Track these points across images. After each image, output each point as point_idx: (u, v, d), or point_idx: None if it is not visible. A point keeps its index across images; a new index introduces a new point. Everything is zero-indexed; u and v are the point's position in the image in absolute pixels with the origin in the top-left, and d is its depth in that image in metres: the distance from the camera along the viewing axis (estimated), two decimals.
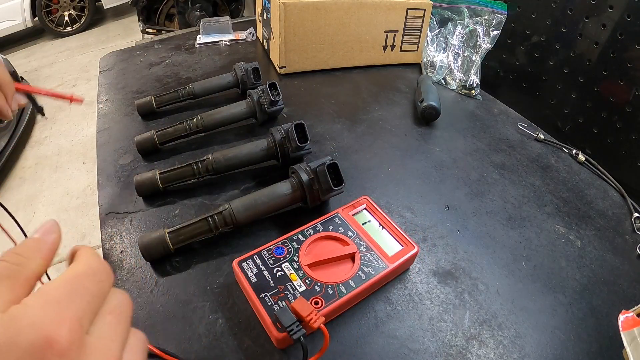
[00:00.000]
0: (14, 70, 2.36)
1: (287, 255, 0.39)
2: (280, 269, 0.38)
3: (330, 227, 0.42)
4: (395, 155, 0.58)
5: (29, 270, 0.21)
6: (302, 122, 0.49)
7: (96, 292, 0.22)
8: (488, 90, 0.78)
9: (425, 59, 0.81)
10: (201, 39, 0.87)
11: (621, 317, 0.36)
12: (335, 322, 0.37)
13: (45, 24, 3.31)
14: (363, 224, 0.43)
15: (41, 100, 0.46)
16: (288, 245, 0.40)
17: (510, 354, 0.36)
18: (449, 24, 0.79)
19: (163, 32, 2.59)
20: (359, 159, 0.57)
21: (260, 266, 0.38)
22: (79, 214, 1.76)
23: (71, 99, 0.42)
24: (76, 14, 3.45)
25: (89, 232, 1.68)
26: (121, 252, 0.43)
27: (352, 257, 0.39)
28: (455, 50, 0.78)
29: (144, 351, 0.24)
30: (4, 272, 0.20)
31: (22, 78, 2.51)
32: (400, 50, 0.81)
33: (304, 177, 0.44)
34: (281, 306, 0.34)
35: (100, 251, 0.44)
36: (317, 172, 0.44)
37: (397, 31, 0.78)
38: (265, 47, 0.83)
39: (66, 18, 3.41)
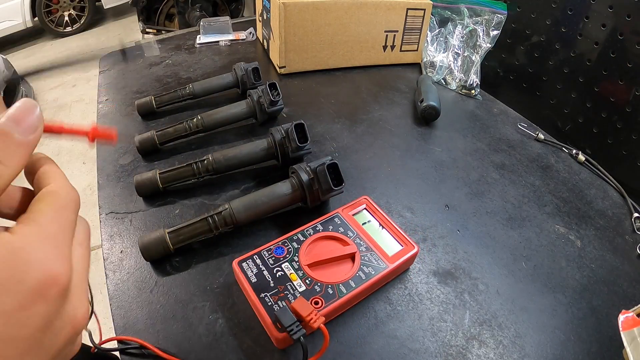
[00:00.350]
0: (14, 70, 2.36)
1: (287, 255, 0.39)
2: (280, 269, 0.38)
3: (330, 227, 0.42)
4: (395, 155, 0.58)
5: (3, 180, 0.19)
6: (302, 122, 0.49)
7: (74, 223, 0.21)
8: (488, 90, 0.78)
9: (425, 59, 0.81)
10: (201, 39, 0.87)
11: (621, 317, 0.36)
12: (335, 322, 0.37)
13: (45, 24, 3.30)
14: (363, 224, 0.43)
15: (41, 101, 0.46)
16: (288, 245, 0.40)
17: (510, 354, 0.36)
18: (449, 24, 0.79)
19: (163, 32, 2.59)
20: (358, 159, 0.57)
21: (260, 266, 0.38)
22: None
23: (107, 136, 0.27)
24: (76, 14, 3.45)
25: None
26: (121, 252, 0.43)
27: (352, 257, 0.39)
28: (455, 50, 0.78)
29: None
30: None
31: (22, 78, 2.51)
32: (400, 50, 0.81)
33: (304, 177, 0.44)
34: (281, 306, 0.34)
35: (100, 251, 0.44)
36: (317, 172, 0.44)
37: (397, 31, 0.78)
38: (265, 47, 0.83)
39: (66, 18, 3.40)
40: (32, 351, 0.18)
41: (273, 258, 0.38)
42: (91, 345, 0.35)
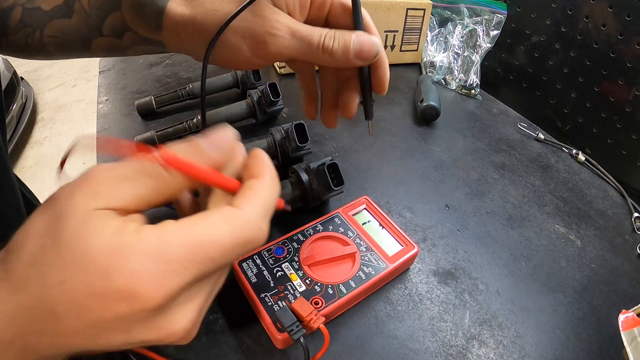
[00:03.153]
0: (14, 70, 2.36)
1: (287, 255, 0.39)
2: (280, 269, 0.38)
3: (331, 227, 0.42)
4: (395, 155, 0.58)
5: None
6: (302, 122, 0.49)
7: (232, 260, 0.23)
8: (488, 90, 0.78)
9: (425, 59, 0.81)
10: None
11: (621, 317, 0.36)
12: (335, 322, 0.37)
13: None
14: (363, 224, 0.43)
15: (41, 101, 0.46)
16: (288, 245, 0.40)
17: (510, 354, 0.36)
18: (449, 23, 0.79)
19: None
20: (358, 159, 0.57)
21: (260, 266, 0.38)
22: None
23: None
24: None
25: None
26: None
27: (352, 257, 0.39)
28: (455, 50, 0.78)
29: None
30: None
31: (22, 78, 2.51)
32: (400, 50, 0.81)
33: (304, 177, 0.44)
34: (281, 306, 0.34)
35: None
36: (317, 172, 0.44)
37: (397, 31, 0.78)
38: None
39: None
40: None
41: (273, 258, 0.38)
42: None
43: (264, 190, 0.23)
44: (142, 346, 0.23)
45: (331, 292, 0.36)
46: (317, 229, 0.42)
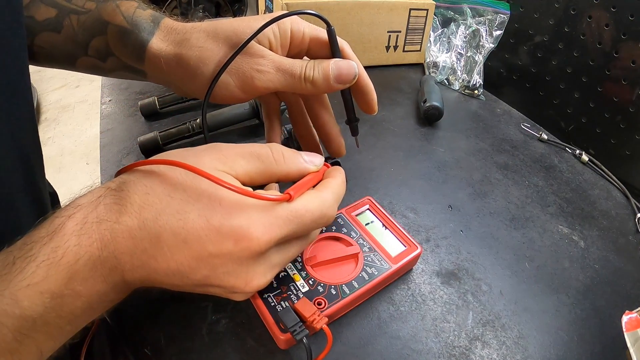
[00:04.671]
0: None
1: None
2: (283, 269, 0.38)
3: (334, 228, 0.42)
4: (398, 156, 0.58)
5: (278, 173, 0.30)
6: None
7: (315, 227, 0.30)
8: (491, 90, 0.78)
9: (428, 60, 0.81)
10: None
11: (625, 318, 0.36)
12: (338, 323, 0.37)
13: None
14: (366, 224, 0.43)
15: (44, 101, 0.46)
16: None
17: (513, 355, 0.36)
18: (452, 24, 0.79)
19: None
20: (361, 160, 0.57)
21: None
22: None
23: None
24: None
25: None
26: None
27: (355, 257, 0.39)
28: (458, 50, 0.78)
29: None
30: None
31: None
32: (403, 51, 0.81)
33: None
34: (284, 307, 0.34)
35: None
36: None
37: (399, 31, 0.78)
38: None
39: None
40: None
41: None
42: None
43: (337, 184, 0.32)
44: (213, 294, 0.28)
45: (334, 292, 0.36)
46: (320, 229, 0.42)
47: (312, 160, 0.32)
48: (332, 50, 0.37)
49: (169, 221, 0.23)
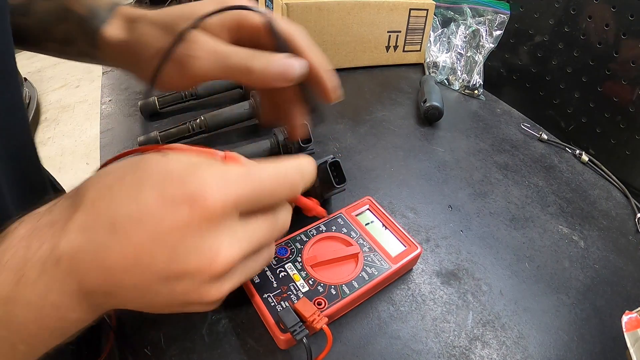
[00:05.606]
0: (18, 71, 2.36)
1: (290, 256, 0.39)
2: (283, 269, 0.38)
3: (334, 228, 0.42)
4: (398, 156, 0.58)
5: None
6: (305, 122, 0.49)
7: (276, 193, 0.27)
8: (491, 90, 0.78)
9: (428, 59, 0.81)
10: None
11: (625, 318, 0.36)
12: (338, 323, 0.37)
13: None
14: (366, 224, 0.43)
15: (45, 102, 0.47)
16: (291, 245, 0.40)
17: (513, 355, 0.36)
18: (452, 24, 0.79)
19: None
20: (362, 160, 0.57)
21: None
22: None
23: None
24: None
25: None
26: None
27: (355, 257, 0.40)
28: (458, 50, 0.78)
29: (261, 266, 0.29)
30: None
31: (25, 79, 2.52)
32: (403, 51, 0.81)
33: None
34: (284, 307, 0.35)
35: None
36: (319, 169, 0.44)
37: (399, 31, 0.78)
38: None
39: None
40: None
41: (276, 259, 0.39)
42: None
43: (298, 158, 0.29)
44: (180, 303, 0.25)
45: (334, 292, 0.36)
46: (320, 229, 0.42)
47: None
48: (277, 45, 0.34)
49: (122, 204, 0.22)
